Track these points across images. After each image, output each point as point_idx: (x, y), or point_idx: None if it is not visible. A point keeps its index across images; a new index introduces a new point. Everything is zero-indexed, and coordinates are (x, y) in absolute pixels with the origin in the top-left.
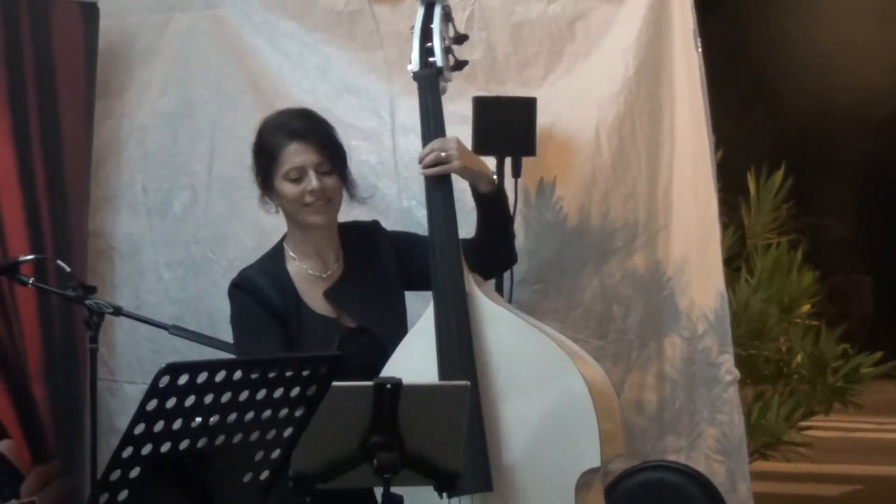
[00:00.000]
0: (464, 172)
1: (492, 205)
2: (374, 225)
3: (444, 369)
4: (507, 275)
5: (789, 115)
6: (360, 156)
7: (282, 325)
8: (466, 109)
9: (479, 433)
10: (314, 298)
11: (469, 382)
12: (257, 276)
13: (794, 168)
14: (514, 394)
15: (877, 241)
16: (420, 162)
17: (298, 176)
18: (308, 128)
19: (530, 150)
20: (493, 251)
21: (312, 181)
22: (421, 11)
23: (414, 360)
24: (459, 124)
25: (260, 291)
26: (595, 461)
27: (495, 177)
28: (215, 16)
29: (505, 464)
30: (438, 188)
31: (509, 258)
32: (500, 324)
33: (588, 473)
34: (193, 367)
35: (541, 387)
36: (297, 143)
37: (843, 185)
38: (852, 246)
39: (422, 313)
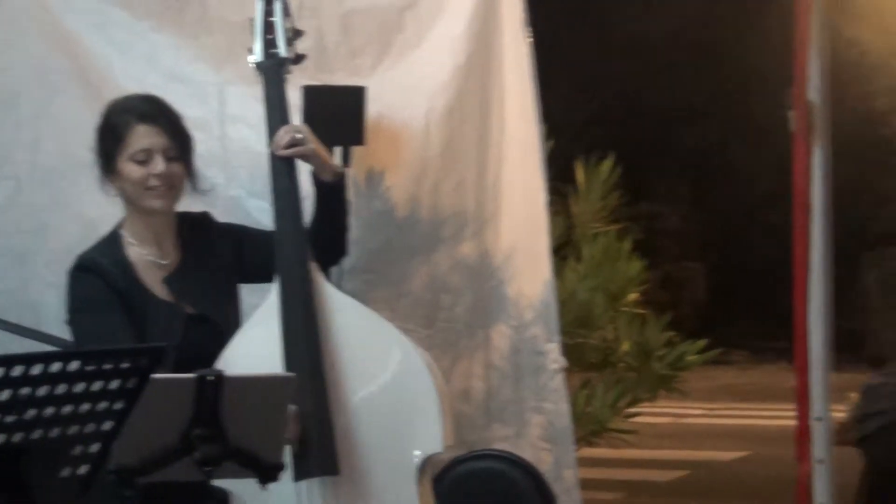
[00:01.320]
0: (315, 156)
1: (333, 195)
2: (206, 216)
3: (290, 357)
4: None
5: (624, 104)
6: None
7: (127, 307)
8: (295, 98)
9: (326, 418)
10: (155, 284)
11: (294, 374)
12: (100, 258)
13: (630, 157)
14: (360, 380)
15: (710, 229)
16: (273, 145)
17: (145, 158)
18: (158, 111)
19: (359, 139)
20: (329, 242)
21: (159, 165)
22: (260, 5)
23: (255, 348)
24: None
25: (105, 272)
26: (438, 445)
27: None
28: (40, 2)
29: (352, 448)
30: (287, 175)
31: (343, 250)
32: (345, 311)
33: (431, 457)
34: (8, 361)
35: (386, 373)
36: (146, 125)
37: (678, 173)
38: (686, 234)
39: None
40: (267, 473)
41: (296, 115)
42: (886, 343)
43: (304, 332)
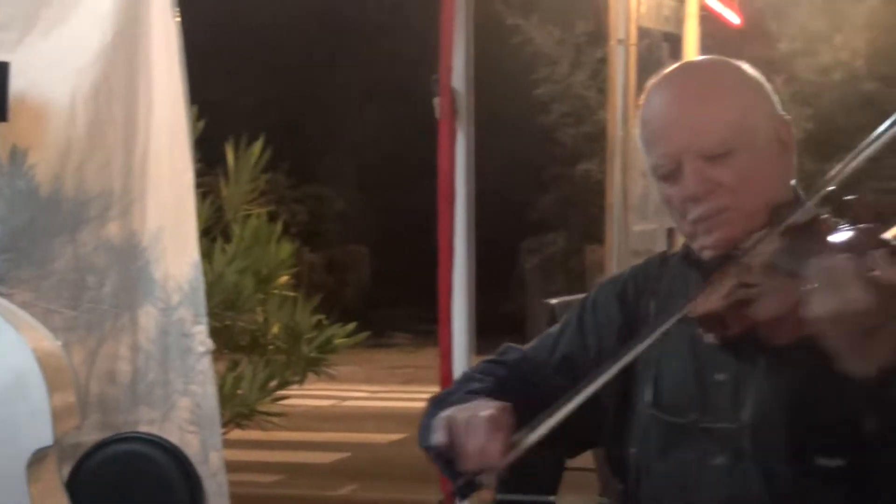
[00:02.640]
0: None
1: None
2: None
3: None
4: None
5: (292, 88)
6: None
7: None
8: None
9: None
10: None
11: None
12: None
13: (297, 140)
14: None
15: (374, 211)
16: None
17: None
18: None
19: (2, 115)
20: None
21: None
22: None
23: None
24: None
25: None
26: (48, 439)
27: None
28: None
29: None
30: None
31: None
32: None
33: (40, 451)
34: None
35: None
36: None
37: (344, 157)
38: (351, 217)
39: None
40: None
41: None
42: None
43: None
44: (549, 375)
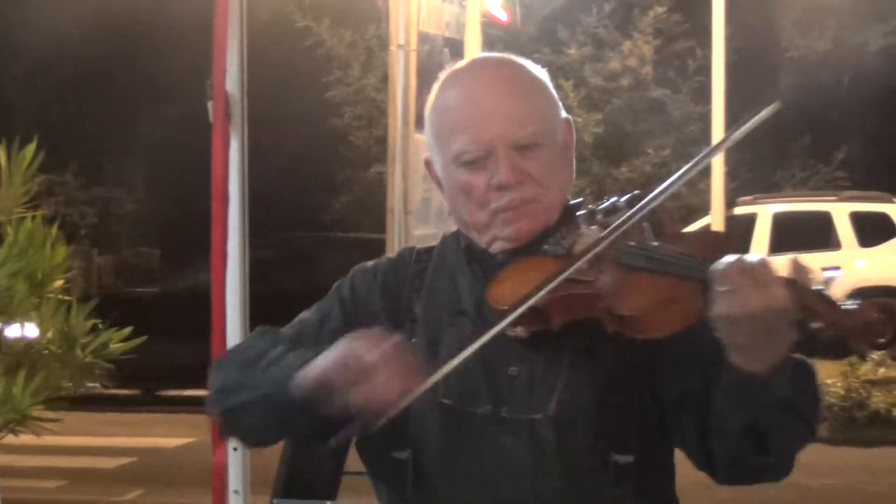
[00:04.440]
0: None
1: None
2: None
3: None
4: None
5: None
6: None
7: None
8: None
9: None
10: None
11: None
12: None
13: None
14: None
15: (165, 214)
16: None
17: None
18: None
19: None
20: None
21: None
22: None
23: None
24: None
25: None
26: None
27: None
28: None
29: None
30: None
31: None
32: None
33: None
34: None
35: None
36: None
37: (134, 158)
38: (142, 219)
39: None
40: None
41: None
42: None
43: None
44: None
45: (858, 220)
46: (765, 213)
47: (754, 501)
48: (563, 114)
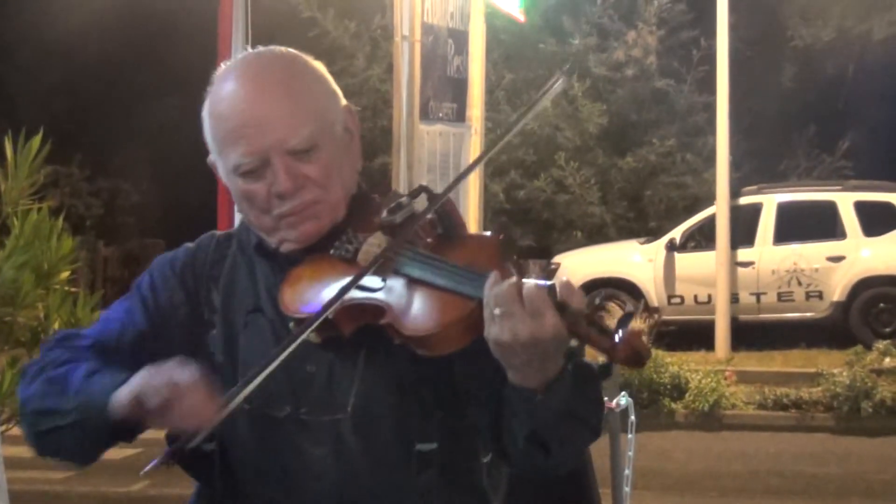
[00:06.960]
0: None
1: None
2: None
3: None
4: None
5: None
6: None
7: None
8: None
9: None
10: None
11: None
12: None
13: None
14: None
15: (171, 205)
16: None
17: None
18: None
19: None
20: None
21: None
22: None
23: None
24: None
25: None
26: None
27: None
28: None
29: None
30: None
31: None
32: None
33: None
34: None
35: None
36: None
37: (139, 148)
38: (147, 210)
39: None
40: None
41: None
42: None
43: None
44: (125, 360)
45: (863, 209)
46: (770, 203)
47: (761, 490)
48: (343, 101)
